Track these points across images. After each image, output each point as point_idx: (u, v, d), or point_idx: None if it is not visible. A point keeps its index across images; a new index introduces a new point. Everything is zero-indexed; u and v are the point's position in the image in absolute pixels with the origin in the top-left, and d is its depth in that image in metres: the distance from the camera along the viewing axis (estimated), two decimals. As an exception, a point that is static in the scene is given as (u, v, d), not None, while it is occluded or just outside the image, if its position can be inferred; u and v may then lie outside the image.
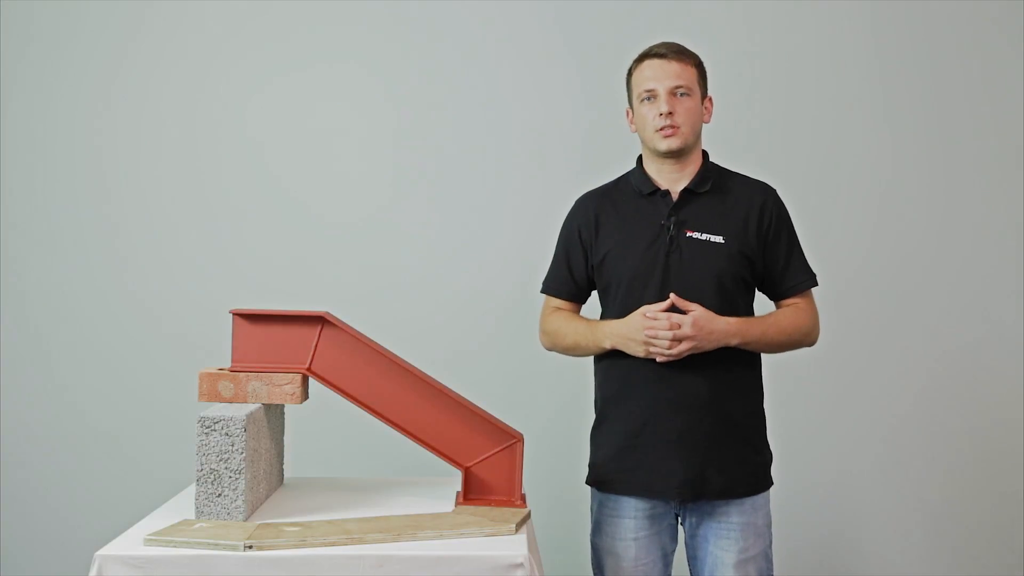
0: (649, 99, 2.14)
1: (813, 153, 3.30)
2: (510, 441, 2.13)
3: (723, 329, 2.07)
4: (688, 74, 2.14)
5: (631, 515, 2.17)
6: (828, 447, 3.27)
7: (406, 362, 2.14)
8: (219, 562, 1.75)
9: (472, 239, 3.29)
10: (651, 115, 2.14)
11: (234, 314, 2.14)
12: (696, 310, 2.05)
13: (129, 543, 1.81)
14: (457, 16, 3.29)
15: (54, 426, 3.27)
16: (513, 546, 1.84)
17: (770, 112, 3.30)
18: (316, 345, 2.12)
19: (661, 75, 2.13)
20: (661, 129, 2.13)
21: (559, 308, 2.30)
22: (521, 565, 1.78)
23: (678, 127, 2.12)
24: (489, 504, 2.10)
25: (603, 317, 2.22)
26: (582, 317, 2.28)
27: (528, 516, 2.04)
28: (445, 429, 2.13)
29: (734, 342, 2.09)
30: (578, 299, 2.30)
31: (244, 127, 3.31)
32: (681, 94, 2.13)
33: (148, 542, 1.80)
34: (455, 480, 2.22)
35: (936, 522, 3.27)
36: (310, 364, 2.12)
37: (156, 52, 3.30)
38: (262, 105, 3.31)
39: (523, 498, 2.13)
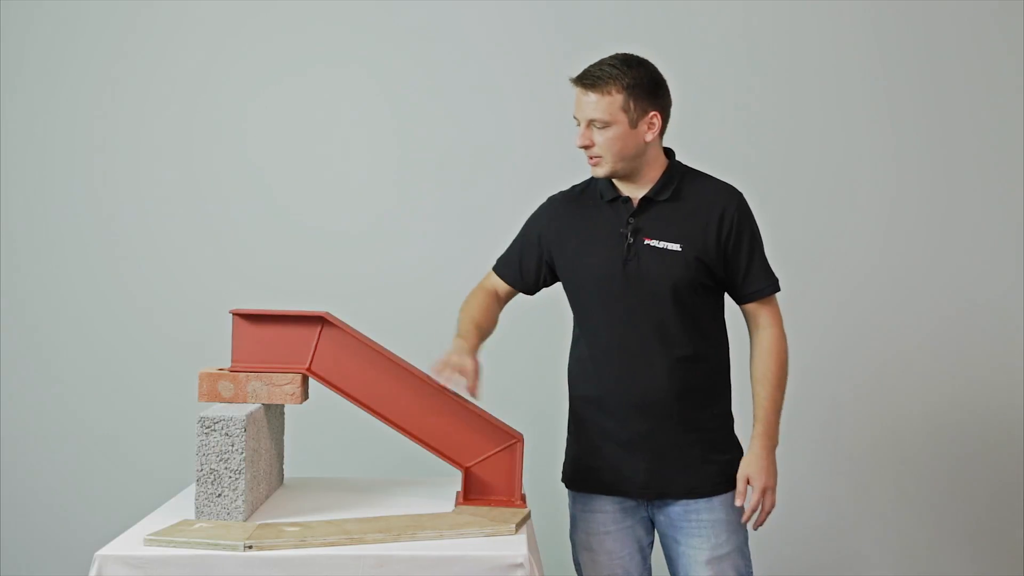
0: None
1: (814, 154, 3.29)
2: (510, 441, 2.13)
3: (766, 453, 2.13)
4: (606, 105, 2.04)
5: (603, 510, 2.18)
6: (825, 448, 3.27)
7: (406, 362, 2.14)
8: (219, 562, 1.75)
9: (472, 239, 3.27)
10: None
11: (234, 314, 2.14)
12: (743, 476, 2.12)
13: (129, 543, 1.81)
14: (457, 18, 3.29)
15: (54, 426, 3.27)
16: (513, 546, 1.84)
17: (771, 112, 3.29)
18: (316, 345, 2.12)
19: (579, 105, 2.08)
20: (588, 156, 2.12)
21: (493, 288, 2.31)
22: (521, 565, 1.78)
23: (600, 157, 2.09)
24: (489, 504, 2.09)
25: (574, 314, 2.23)
26: (476, 312, 2.26)
27: (528, 516, 2.04)
28: (445, 429, 2.13)
29: (778, 441, 2.15)
30: (518, 288, 2.30)
31: (243, 127, 3.30)
32: (598, 127, 2.07)
33: (148, 542, 1.80)
34: (455, 480, 2.22)
35: (934, 522, 3.27)
36: (310, 364, 2.12)
37: (157, 53, 3.30)
38: (262, 106, 3.30)
39: (523, 498, 2.12)
